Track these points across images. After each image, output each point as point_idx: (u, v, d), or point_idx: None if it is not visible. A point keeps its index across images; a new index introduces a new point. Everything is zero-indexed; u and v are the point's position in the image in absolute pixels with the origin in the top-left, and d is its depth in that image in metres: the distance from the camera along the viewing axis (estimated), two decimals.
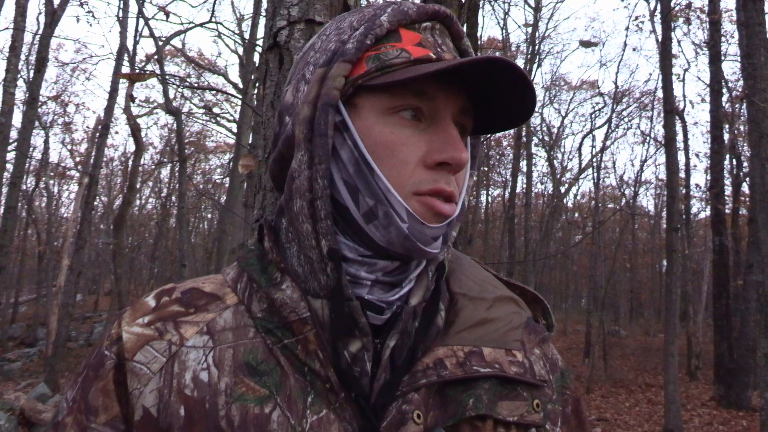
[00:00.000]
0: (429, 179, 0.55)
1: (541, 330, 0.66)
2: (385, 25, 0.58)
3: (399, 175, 0.55)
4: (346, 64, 0.56)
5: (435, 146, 0.55)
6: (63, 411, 0.57)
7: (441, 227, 0.56)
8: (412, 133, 0.56)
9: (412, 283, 0.59)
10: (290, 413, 0.52)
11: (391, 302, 0.57)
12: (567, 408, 0.64)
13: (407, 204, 0.55)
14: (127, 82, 2.22)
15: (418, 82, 0.55)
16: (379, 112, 0.56)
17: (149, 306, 0.60)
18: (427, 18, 0.60)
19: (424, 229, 0.55)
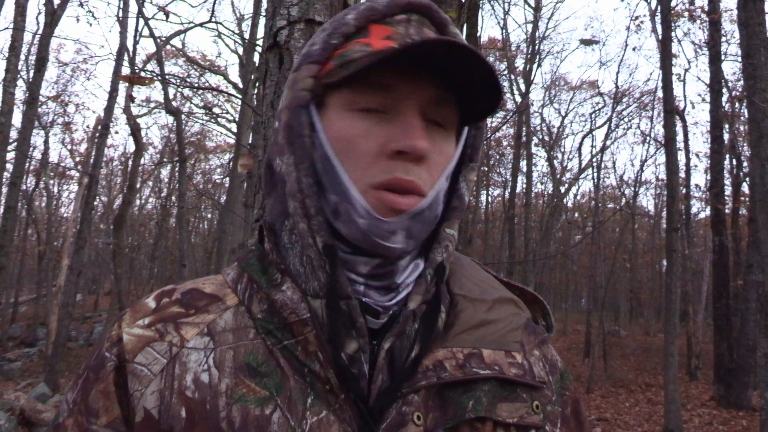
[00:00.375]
0: (386, 170, 0.54)
1: (540, 331, 0.66)
2: (352, 22, 0.59)
3: (356, 169, 0.55)
4: (312, 65, 0.58)
5: (393, 136, 0.54)
6: (63, 413, 0.57)
7: (398, 221, 0.54)
8: (372, 126, 0.55)
9: (409, 288, 0.59)
10: (290, 415, 0.52)
11: (388, 306, 0.57)
12: (566, 409, 0.64)
13: (364, 198, 0.55)
14: (127, 84, 2.22)
15: (379, 75, 0.55)
16: (342, 108, 0.57)
17: (149, 307, 0.60)
18: (399, 11, 0.59)
19: (380, 224, 0.54)
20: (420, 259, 0.61)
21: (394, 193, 0.54)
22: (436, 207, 0.58)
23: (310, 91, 0.58)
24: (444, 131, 0.58)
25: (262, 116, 1.09)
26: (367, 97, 0.56)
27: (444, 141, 0.58)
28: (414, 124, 0.54)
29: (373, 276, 0.57)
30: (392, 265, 0.57)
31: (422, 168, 0.55)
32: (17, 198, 9.82)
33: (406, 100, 0.55)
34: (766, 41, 5.30)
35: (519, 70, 16.72)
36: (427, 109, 0.56)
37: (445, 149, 0.58)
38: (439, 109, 0.57)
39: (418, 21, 0.59)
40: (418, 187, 0.54)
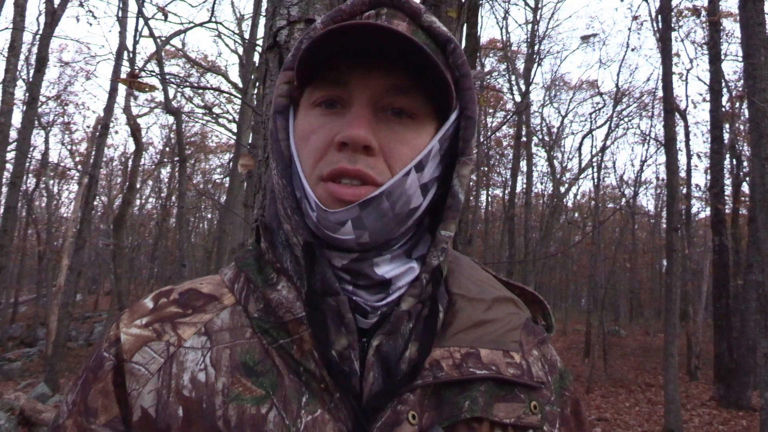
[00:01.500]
0: (332, 161, 0.55)
1: (539, 331, 0.66)
2: (318, 27, 0.60)
3: (309, 163, 0.57)
4: (286, 72, 0.61)
5: (340, 128, 0.55)
6: (63, 414, 0.57)
7: (345, 211, 0.54)
8: (326, 121, 0.56)
9: (401, 291, 0.58)
10: (285, 413, 0.52)
11: (377, 307, 0.57)
12: (566, 409, 0.64)
13: (314, 191, 0.56)
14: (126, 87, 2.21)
15: (334, 71, 0.56)
16: (306, 107, 0.59)
17: (147, 307, 0.60)
18: (366, 7, 0.60)
19: (327, 216, 0.54)
20: (415, 263, 0.60)
21: (339, 184, 0.54)
22: (404, 200, 0.56)
23: (286, 97, 0.61)
24: (412, 121, 0.57)
25: (262, 116, 1.09)
26: (321, 91, 0.57)
27: (410, 131, 0.57)
28: (358, 115, 0.54)
29: (349, 271, 0.57)
30: (366, 260, 0.57)
31: (376, 159, 0.55)
32: (17, 198, 9.82)
33: (358, 92, 0.55)
34: (766, 41, 5.30)
35: (519, 71, 16.72)
36: (382, 98, 0.56)
37: (410, 139, 0.56)
38: (398, 98, 0.56)
39: (389, 14, 0.59)
40: (367, 175, 0.54)
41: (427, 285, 0.58)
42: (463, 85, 0.60)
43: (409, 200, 0.56)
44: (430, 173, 0.58)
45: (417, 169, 0.56)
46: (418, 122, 0.57)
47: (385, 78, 0.55)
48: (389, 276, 0.58)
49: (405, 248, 0.60)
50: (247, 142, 9.63)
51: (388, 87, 0.55)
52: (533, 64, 15.51)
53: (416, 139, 0.57)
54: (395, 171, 0.55)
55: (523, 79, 16.08)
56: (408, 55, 0.53)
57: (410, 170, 0.56)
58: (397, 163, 0.56)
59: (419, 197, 0.57)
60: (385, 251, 0.58)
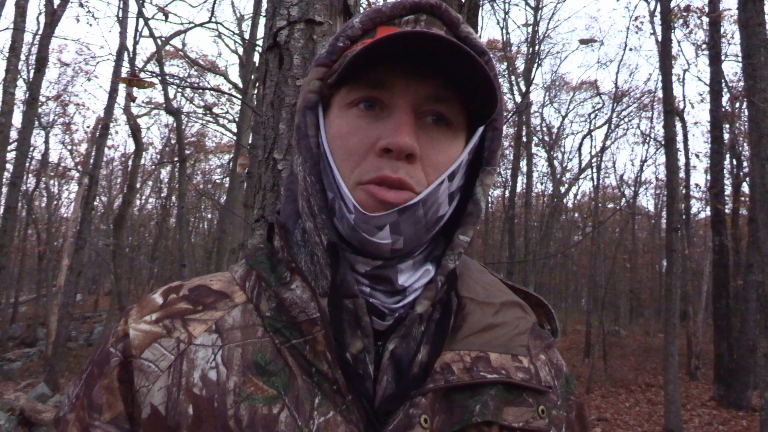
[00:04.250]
0: (374, 167, 0.54)
1: (546, 335, 0.66)
2: (357, 26, 0.60)
3: (346, 166, 0.56)
4: (319, 68, 0.60)
5: (383, 133, 0.54)
6: (65, 407, 0.57)
7: (385, 216, 0.54)
8: (365, 123, 0.56)
9: (417, 292, 0.58)
10: (298, 414, 0.52)
11: (394, 309, 0.57)
12: (571, 413, 0.64)
13: (353, 194, 0.55)
14: (126, 85, 2.22)
15: (374, 72, 0.55)
16: (341, 107, 0.58)
17: (157, 303, 0.60)
18: (406, 12, 0.59)
19: (367, 219, 0.54)
20: (431, 265, 0.60)
21: (382, 187, 0.54)
22: (435, 207, 0.56)
23: (317, 93, 0.60)
24: (448, 130, 0.57)
25: (262, 116, 1.09)
26: (360, 92, 0.56)
27: (446, 140, 0.57)
28: (403, 121, 0.54)
29: (371, 277, 0.57)
30: (391, 267, 0.57)
31: (415, 166, 0.55)
32: (17, 198, 9.82)
33: (400, 98, 0.55)
34: (766, 41, 5.30)
35: (519, 71, 16.72)
36: (424, 106, 0.56)
37: (446, 148, 0.57)
38: (440, 106, 0.56)
39: (428, 21, 0.59)
40: (407, 184, 0.54)
41: (442, 288, 0.58)
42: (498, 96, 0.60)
43: (439, 208, 0.57)
44: (457, 182, 0.59)
45: (450, 178, 0.57)
46: (454, 131, 0.58)
47: (428, 85, 0.55)
48: (408, 284, 0.58)
49: (426, 253, 0.60)
50: (247, 142, 9.63)
51: (430, 94, 0.55)
52: (533, 65, 15.51)
53: (451, 148, 0.57)
54: (431, 179, 0.56)
55: (524, 79, 16.08)
56: (451, 63, 0.53)
57: (444, 179, 0.56)
58: (434, 172, 0.56)
59: (446, 205, 0.58)
60: (408, 258, 0.58)
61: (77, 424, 0.55)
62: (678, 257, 8.78)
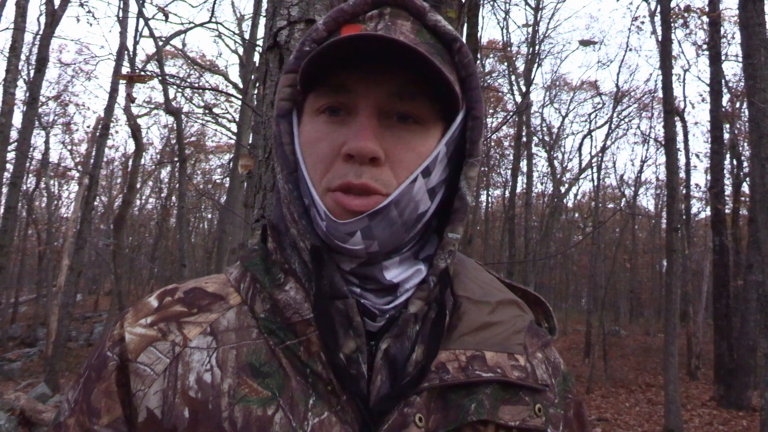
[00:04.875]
0: (340, 174, 0.54)
1: (543, 334, 0.66)
2: (321, 27, 0.59)
3: (316, 173, 0.56)
4: (288, 75, 0.60)
5: (346, 138, 0.54)
6: (65, 412, 0.56)
7: (355, 222, 0.53)
8: (331, 129, 0.56)
9: (409, 293, 0.58)
10: (292, 415, 0.52)
11: (385, 310, 0.57)
12: (569, 412, 0.64)
13: (323, 201, 0.55)
14: (126, 82, 2.22)
15: (336, 77, 0.55)
16: (310, 114, 0.58)
17: (152, 306, 0.60)
18: (369, 7, 0.59)
19: (337, 226, 0.54)
20: (422, 264, 0.59)
21: (347, 194, 0.54)
22: (412, 206, 0.56)
23: (289, 101, 0.60)
24: (418, 126, 0.56)
25: (262, 116, 1.09)
26: (325, 98, 0.56)
27: (415, 137, 0.56)
28: (364, 125, 0.53)
29: (356, 274, 0.57)
30: (375, 265, 0.57)
31: (382, 168, 0.54)
32: (17, 198, 9.81)
33: (363, 100, 0.54)
34: (766, 41, 5.30)
35: (519, 71, 16.72)
36: (388, 105, 0.55)
37: (415, 145, 0.56)
38: (405, 103, 0.55)
39: (392, 13, 0.58)
40: (372, 188, 0.54)
41: (435, 287, 0.58)
42: (469, 85, 0.59)
43: (417, 206, 0.56)
44: (438, 177, 0.57)
45: (424, 174, 0.56)
46: (424, 127, 0.56)
47: (389, 84, 0.54)
48: (397, 280, 0.57)
49: (413, 251, 0.59)
50: (247, 143, 9.63)
51: (392, 93, 0.55)
52: (533, 65, 15.51)
53: (422, 145, 0.56)
54: (401, 179, 0.55)
55: (524, 79, 16.08)
56: (411, 60, 0.52)
57: (417, 177, 0.55)
58: (404, 171, 0.55)
59: (427, 202, 0.57)
60: (394, 254, 0.58)
61: (77, 429, 0.55)
62: (678, 257, 8.78)
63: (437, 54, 0.56)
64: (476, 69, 0.59)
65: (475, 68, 0.59)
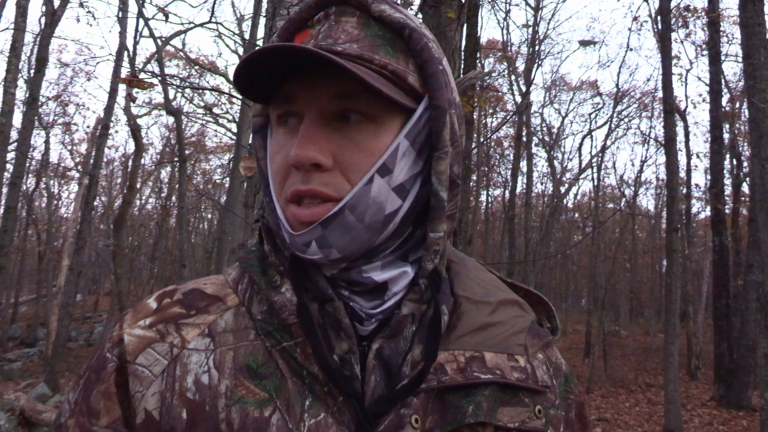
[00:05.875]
0: (291, 183, 0.54)
1: (545, 334, 0.65)
2: (275, 40, 0.58)
3: (276, 185, 0.57)
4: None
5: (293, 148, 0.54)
6: (65, 413, 0.57)
7: (308, 233, 0.53)
8: (286, 139, 0.56)
9: (397, 297, 0.57)
10: (288, 417, 0.52)
11: (372, 314, 0.56)
12: (570, 413, 0.63)
13: (284, 213, 0.56)
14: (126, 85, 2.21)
15: (283, 87, 0.55)
16: (274, 126, 0.58)
17: (151, 308, 0.60)
18: (314, 11, 0.58)
19: (294, 238, 0.54)
20: (409, 266, 0.58)
21: (298, 206, 0.54)
22: (373, 208, 0.54)
23: (260, 116, 0.61)
24: (369, 123, 0.54)
25: None
26: (278, 109, 0.56)
27: (366, 135, 0.54)
28: (305, 132, 0.53)
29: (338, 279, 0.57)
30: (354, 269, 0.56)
31: (331, 173, 0.53)
32: (17, 198, 9.82)
33: (306, 106, 0.54)
34: (765, 41, 5.30)
35: (519, 71, 16.72)
36: (331, 107, 0.54)
37: (367, 144, 0.54)
38: (348, 102, 0.53)
39: (338, 11, 0.57)
40: (321, 194, 0.53)
41: (426, 290, 0.57)
42: (427, 71, 0.56)
43: (381, 207, 0.54)
44: (405, 173, 0.55)
45: (382, 173, 0.54)
46: (377, 123, 0.54)
47: (331, 86, 0.53)
48: (380, 279, 0.56)
49: (398, 253, 0.58)
50: (247, 143, 9.63)
51: (334, 94, 0.53)
52: (533, 65, 15.52)
53: (375, 142, 0.54)
54: (354, 181, 0.53)
55: (524, 79, 16.09)
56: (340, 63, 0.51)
57: (373, 177, 0.53)
58: (355, 173, 0.53)
59: (395, 201, 0.55)
60: (374, 258, 0.57)
61: (77, 430, 0.55)
62: (678, 257, 8.78)
63: (386, 45, 0.55)
64: (432, 54, 0.56)
65: (431, 54, 0.56)
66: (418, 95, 0.56)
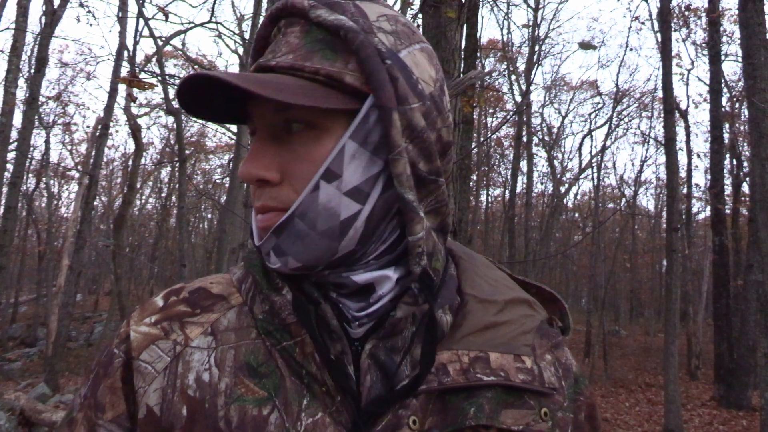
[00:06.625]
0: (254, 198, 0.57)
1: (554, 334, 0.64)
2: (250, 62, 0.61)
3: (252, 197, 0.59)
4: None
5: None
6: (76, 407, 0.58)
7: (266, 242, 0.55)
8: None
9: (383, 301, 0.56)
10: (286, 416, 0.52)
11: (359, 317, 0.56)
12: (580, 415, 0.62)
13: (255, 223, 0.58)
14: (126, 85, 2.21)
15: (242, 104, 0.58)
16: None
17: (157, 306, 0.61)
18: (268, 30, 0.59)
19: (259, 247, 0.57)
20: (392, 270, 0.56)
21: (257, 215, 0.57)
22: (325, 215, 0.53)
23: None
24: (309, 132, 0.53)
25: None
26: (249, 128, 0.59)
27: (308, 143, 0.53)
28: (252, 149, 0.56)
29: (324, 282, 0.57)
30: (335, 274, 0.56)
31: (279, 187, 0.54)
32: (17, 198, 9.82)
33: (258, 123, 0.56)
34: (766, 41, 5.30)
35: (520, 71, 16.72)
36: (275, 120, 0.55)
37: (308, 152, 0.53)
38: (287, 113, 0.53)
39: (287, 23, 0.57)
40: (271, 208, 0.55)
41: (420, 293, 0.56)
42: (366, 69, 0.53)
43: (333, 213, 0.53)
44: (358, 175, 0.53)
45: (328, 179, 0.52)
46: (318, 128, 0.53)
47: (270, 100, 0.52)
48: (360, 281, 0.55)
49: (386, 259, 0.57)
50: (247, 143, 9.62)
51: (274, 108, 0.54)
52: (533, 65, 15.52)
53: (317, 150, 0.53)
54: (300, 190, 0.53)
55: (524, 79, 16.09)
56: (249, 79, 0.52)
57: (318, 184, 0.53)
58: (300, 183, 0.53)
59: (352, 205, 0.53)
60: (355, 266, 0.56)
61: (85, 423, 0.57)
62: (678, 257, 8.78)
63: (325, 48, 0.54)
64: (372, 51, 0.54)
65: (371, 51, 0.54)
66: (363, 94, 0.54)
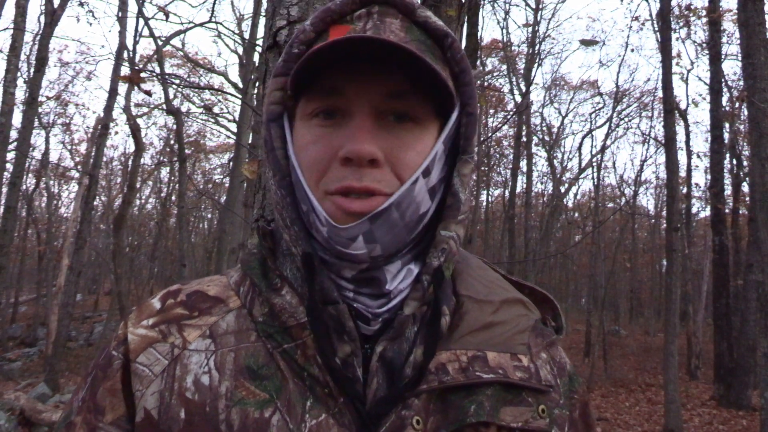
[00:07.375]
0: (339, 177, 0.53)
1: (549, 333, 0.65)
2: (309, 29, 0.58)
3: (312, 177, 0.55)
4: (278, 78, 0.59)
5: (342, 142, 0.53)
6: (74, 410, 0.58)
7: (356, 226, 0.53)
8: (326, 133, 0.55)
9: (403, 294, 0.57)
10: (289, 418, 0.52)
11: (378, 313, 0.56)
12: (575, 412, 0.63)
13: (322, 206, 0.54)
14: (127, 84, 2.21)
15: (328, 79, 0.54)
16: (302, 117, 0.57)
17: (155, 308, 0.60)
18: (357, 6, 0.57)
19: (338, 231, 0.53)
20: (414, 264, 0.58)
21: (347, 198, 0.53)
22: (413, 207, 0.55)
23: (280, 104, 0.59)
24: (414, 125, 0.55)
25: (261, 116, 1.09)
26: (317, 102, 0.55)
27: (413, 136, 0.55)
28: (360, 127, 0.53)
29: (358, 281, 0.56)
30: (377, 270, 0.56)
31: (382, 170, 0.53)
32: (17, 198, 9.82)
33: (357, 102, 0.54)
34: (766, 41, 5.30)
35: (520, 71, 16.72)
36: (382, 105, 0.54)
37: (414, 145, 0.55)
38: (399, 102, 0.54)
39: (380, 12, 0.57)
40: (374, 190, 0.53)
41: (429, 287, 0.57)
42: (462, 81, 0.58)
43: (418, 207, 0.55)
44: (437, 176, 0.56)
45: (424, 174, 0.55)
46: (421, 125, 0.55)
47: (383, 84, 0.53)
48: (392, 287, 0.56)
49: (413, 252, 0.58)
50: (247, 142, 9.62)
51: (386, 93, 0.53)
52: (534, 65, 15.52)
53: (421, 143, 0.55)
54: (404, 178, 0.54)
55: (524, 79, 16.08)
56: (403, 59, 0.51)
57: (418, 177, 0.54)
58: (406, 171, 0.54)
59: (428, 202, 0.56)
60: (394, 258, 0.57)
61: (84, 426, 0.56)
62: (678, 257, 8.78)
63: (428, 51, 0.55)
64: (469, 65, 0.58)
65: (467, 64, 0.58)
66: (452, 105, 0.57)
